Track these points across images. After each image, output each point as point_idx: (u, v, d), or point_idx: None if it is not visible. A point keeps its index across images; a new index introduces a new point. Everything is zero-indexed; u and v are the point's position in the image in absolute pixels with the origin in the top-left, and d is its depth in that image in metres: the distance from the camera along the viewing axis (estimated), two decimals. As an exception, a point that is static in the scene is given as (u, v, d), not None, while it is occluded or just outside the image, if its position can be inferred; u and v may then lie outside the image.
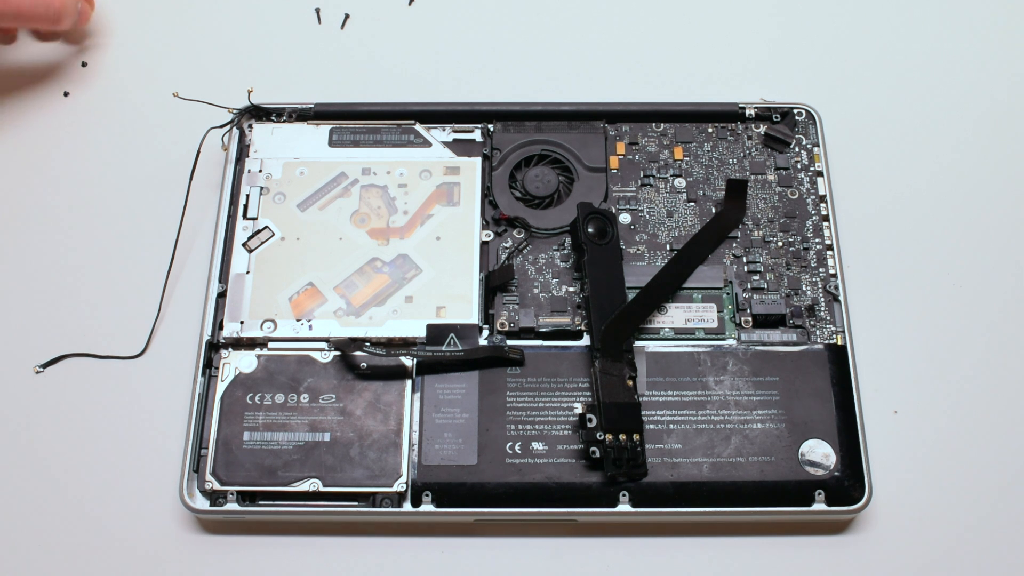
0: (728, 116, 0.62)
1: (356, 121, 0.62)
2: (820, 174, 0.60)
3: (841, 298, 0.56)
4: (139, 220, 0.61)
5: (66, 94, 0.66)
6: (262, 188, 0.59)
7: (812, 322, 0.56)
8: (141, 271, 0.60)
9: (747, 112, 0.62)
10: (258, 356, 0.54)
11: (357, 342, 0.54)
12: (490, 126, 0.61)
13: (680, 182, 0.60)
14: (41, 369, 0.56)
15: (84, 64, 0.67)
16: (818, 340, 0.55)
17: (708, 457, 0.52)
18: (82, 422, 0.55)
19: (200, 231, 0.60)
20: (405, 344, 0.55)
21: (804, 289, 0.57)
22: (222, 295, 0.56)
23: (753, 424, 0.53)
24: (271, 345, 0.55)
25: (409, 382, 0.54)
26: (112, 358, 0.57)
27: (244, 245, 0.57)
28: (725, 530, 0.53)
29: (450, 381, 0.54)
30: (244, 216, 0.58)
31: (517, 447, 0.52)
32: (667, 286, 0.56)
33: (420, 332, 0.55)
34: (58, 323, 0.58)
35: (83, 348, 0.57)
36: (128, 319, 0.58)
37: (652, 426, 0.53)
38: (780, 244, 0.58)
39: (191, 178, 0.60)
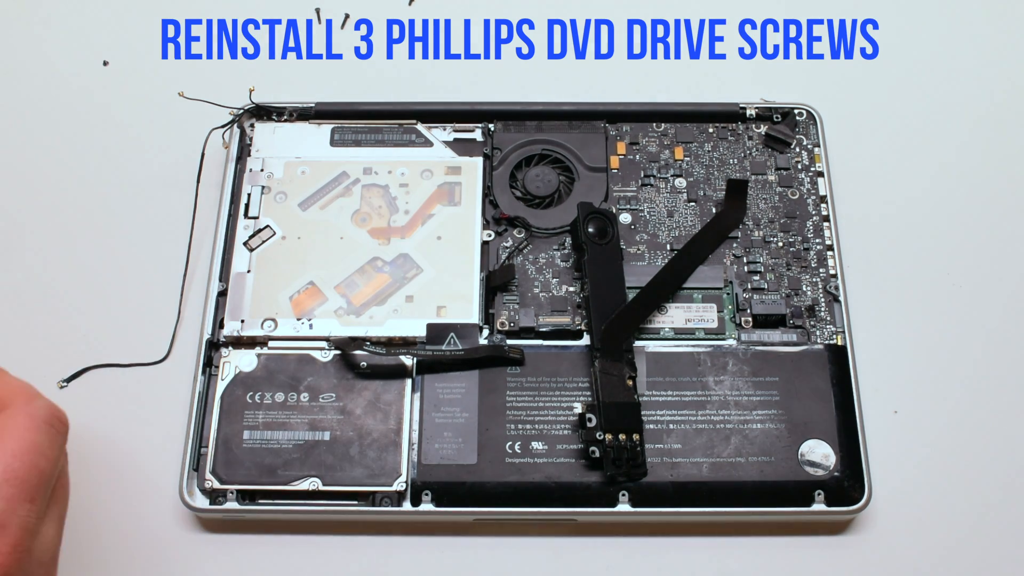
0: (729, 116, 0.62)
1: (357, 121, 0.62)
2: (820, 174, 0.60)
3: (841, 298, 0.56)
4: (141, 222, 0.61)
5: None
6: (263, 187, 0.59)
7: (812, 322, 0.56)
8: (142, 273, 0.60)
9: (748, 112, 0.62)
10: (258, 355, 0.54)
11: (357, 341, 0.54)
12: (491, 126, 0.62)
13: (680, 182, 0.60)
14: (65, 384, 0.56)
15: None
16: (818, 340, 0.55)
17: (708, 457, 0.52)
18: (81, 421, 0.55)
19: (200, 230, 0.60)
20: (405, 343, 0.55)
21: (804, 289, 0.57)
22: (223, 294, 0.56)
23: (753, 424, 0.53)
24: (271, 344, 0.55)
25: (409, 381, 0.54)
26: (136, 365, 0.57)
27: (245, 244, 0.57)
28: (725, 530, 0.53)
29: (450, 380, 0.54)
30: (245, 215, 0.58)
31: (517, 447, 0.52)
32: (667, 286, 0.56)
33: (420, 331, 0.55)
34: (67, 331, 0.58)
35: (89, 353, 0.57)
36: (129, 322, 0.58)
37: (652, 426, 0.53)
38: (780, 244, 0.58)
39: (198, 181, 0.60)
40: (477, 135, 0.61)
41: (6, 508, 0.39)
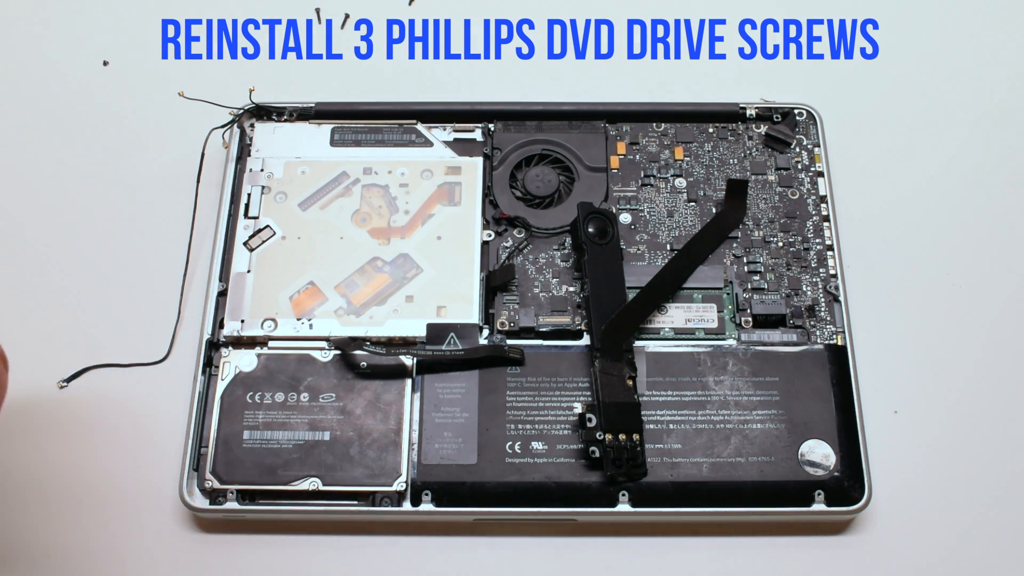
0: (729, 116, 0.62)
1: (357, 121, 0.62)
2: (820, 174, 0.60)
3: (841, 298, 0.56)
4: (141, 222, 0.61)
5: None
6: (263, 187, 0.59)
7: (812, 322, 0.56)
8: (142, 273, 0.60)
9: (748, 112, 0.62)
10: (258, 355, 0.54)
11: (357, 341, 0.54)
12: (491, 126, 0.62)
13: (681, 182, 0.60)
14: (65, 384, 0.56)
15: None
16: (818, 340, 0.55)
17: (708, 457, 0.52)
18: (79, 421, 0.55)
19: (200, 230, 0.60)
20: (405, 343, 0.55)
21: (804, 289, 0.57)
22: (223, 294, 0.56)
23: (753, 424, 0.53)
24: (271, 344, 0.55)
25: (409, 381, 0.54)
26: (136, 365, 0.57)
27: (245, 244, 0.57)
28: (725, 530, 0.53)
29: (450, 380, 0.54)
30: (245, 215, 0.58)
31: (517, 447, 0.52)
32: (667, 286, 0.56)
33: (420, 331, 0.55)
34: (67, 331, 0.58)
35: (89, 353, 0.57)
36: (129, 322, 0.58)
37: (652, 426, 0.53)
38: (780, 244, 0.58)
39: (198, 181, 0.60)
40: (477, 135, 0.61)
41: None
